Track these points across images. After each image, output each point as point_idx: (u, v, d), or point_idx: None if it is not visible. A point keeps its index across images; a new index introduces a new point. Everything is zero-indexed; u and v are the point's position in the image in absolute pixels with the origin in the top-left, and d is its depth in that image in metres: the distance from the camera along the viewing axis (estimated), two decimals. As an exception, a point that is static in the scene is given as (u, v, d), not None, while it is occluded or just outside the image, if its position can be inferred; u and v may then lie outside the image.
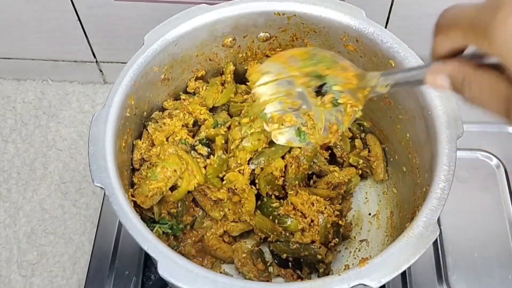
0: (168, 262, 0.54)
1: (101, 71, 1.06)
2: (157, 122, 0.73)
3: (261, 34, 0.75)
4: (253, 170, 0.72)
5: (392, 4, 0.87)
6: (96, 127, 0.62)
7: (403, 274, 0.76)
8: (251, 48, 0.77)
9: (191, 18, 0.70)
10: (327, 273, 0.72)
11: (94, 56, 1.02)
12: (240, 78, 0.82)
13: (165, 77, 0.72)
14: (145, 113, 0.73)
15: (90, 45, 0.99)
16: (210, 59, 0.76)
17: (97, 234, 0.80)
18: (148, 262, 0.78)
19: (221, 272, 0.74)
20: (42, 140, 1.02)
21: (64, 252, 0.90)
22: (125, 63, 0.67)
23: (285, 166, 0.73)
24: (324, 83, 0.57)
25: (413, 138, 0.70)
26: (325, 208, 0.71)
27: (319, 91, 0.58)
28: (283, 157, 0.73)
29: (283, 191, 0.74)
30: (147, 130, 0.73)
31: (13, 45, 1.01)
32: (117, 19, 0.92)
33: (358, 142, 0.80)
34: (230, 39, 0.74)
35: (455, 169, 0.59)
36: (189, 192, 0.71)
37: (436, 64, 0.46)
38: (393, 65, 0.67)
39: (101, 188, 0.58)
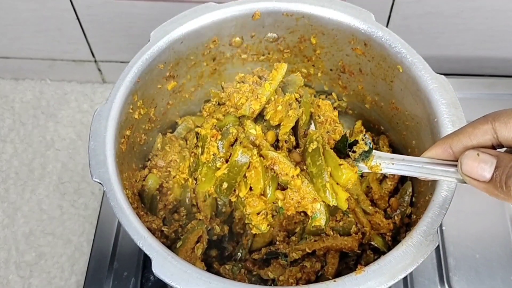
0: (163, 261, 0.53)
1: (99, 70, 1.06)
2: None
3: (269, 34, 0.74)
4: None
5: (393, 3, 0.87)
6: (98, 122, 0.61)
7: (404, 275, 0.76)
8: (259, 49, 0.76)
9: (198, 16, 0.69)
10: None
11: (93, 56, 1.02)
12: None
13: (170, 75, 0.72)
14: (153, 110, 0.72)
15: (88, 44, 0.99)
16: (216, 58, 0.76)
17: (95, 235, 0.80)
18: (147, 263, 0.78)
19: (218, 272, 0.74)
20: (40, 140, 1.01)
21: (63, 253, 0.90)
22: (124, 62, 0.66)
23: None
24: None
25: (419, 145, 0.69)
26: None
27: None
28: None
29: None
30: None
31: (11, 44, 1.00)
32: (116, 18, 0.92)
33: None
34: (238, 38, 0.73)
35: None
36: None
37: (472, 152, 0.42)
38: (401, 70, 0.66)
39: (99, 183, 0.57)
